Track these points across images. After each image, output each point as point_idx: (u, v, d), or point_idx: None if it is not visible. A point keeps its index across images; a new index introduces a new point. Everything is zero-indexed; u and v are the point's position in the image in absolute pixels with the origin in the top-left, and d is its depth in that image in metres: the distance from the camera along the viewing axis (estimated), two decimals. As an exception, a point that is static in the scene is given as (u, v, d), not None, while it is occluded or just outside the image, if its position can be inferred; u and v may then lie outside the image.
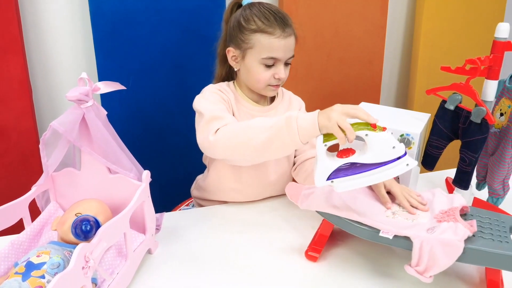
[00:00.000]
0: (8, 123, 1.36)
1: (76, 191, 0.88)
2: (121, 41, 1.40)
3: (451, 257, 0.72)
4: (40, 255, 0.70)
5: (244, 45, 0.98)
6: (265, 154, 0.84)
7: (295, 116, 0.79)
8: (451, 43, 1.85)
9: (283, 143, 0.80)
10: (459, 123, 1.03)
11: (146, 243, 0.87)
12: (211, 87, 1.05)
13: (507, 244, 0.74)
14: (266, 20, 0.96)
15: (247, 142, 0.83)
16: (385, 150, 0.74)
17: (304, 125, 0.77)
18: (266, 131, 0.81)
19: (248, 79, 1.02)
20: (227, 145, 0.86)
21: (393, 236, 0.76)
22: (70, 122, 0.78)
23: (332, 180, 0.77)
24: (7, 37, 1.30)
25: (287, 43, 0.97)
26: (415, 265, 0.74)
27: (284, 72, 0.99)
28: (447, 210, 0.82)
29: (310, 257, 0.88)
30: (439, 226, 0.77)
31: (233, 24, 1.00)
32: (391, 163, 0.74)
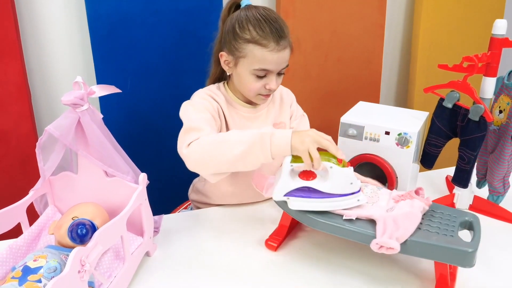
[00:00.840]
0: (7, 127, 1.37)
1: (74, 194, 0.88)
2: (119, 43, 1.40)
3: (412, 224, 0.77)
4: (36, 259, 0.70)
5: (237, 53, 0.96)
6: (237, 167, 0.86)
7: (270, 132, 0.82)
8: (450, 41, 1.85)
9: (256, 158, 0.83)
10: (457, 121, 1.02)
11: (144, 245, 0.87)
12: (200, 92, 1.04)
13: (451, 238, 0.75)
14: (261, 31, 0.93)
15: (220, 156, 0.85)
16: (343, 184, 0.81)
17: (278, 142, 0.81)
18: (240, 145, 0.83)
19: (239, 86, 1.02)
20: (198, 159, 0.87)
21: (355, 217, 0.80)
22: (65, 126, 0.78)
23: (288, 197, 0.83)
24: (5, 41, 1.30)
25: (280, 56, 0.95)
26: (380, 236, 0.76)
27: (275, 83, 0.98)
28: (403, 194, 0.85)
29: (269, 246, 0.92)
30: (397, 205, 0.82)
31: (228, 29, 0.98)
32: (345, 196, 0.81)
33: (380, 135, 1.01)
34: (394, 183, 1.02)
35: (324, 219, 0.81)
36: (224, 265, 0.88)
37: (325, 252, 0.91)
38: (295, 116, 1.12)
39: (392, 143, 1.00)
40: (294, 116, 1.12)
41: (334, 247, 0.93)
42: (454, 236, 0.76)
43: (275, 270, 0.87)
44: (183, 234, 0.98)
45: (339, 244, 0.93)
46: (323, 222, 0.81)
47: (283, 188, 0.83)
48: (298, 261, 0.89)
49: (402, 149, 0.99)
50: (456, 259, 0.74)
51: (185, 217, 1.07)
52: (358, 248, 0.90)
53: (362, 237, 0.78)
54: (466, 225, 0.82)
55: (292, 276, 0.85)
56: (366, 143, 1.03)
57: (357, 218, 0.81)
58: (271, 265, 0.88)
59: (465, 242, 0.74)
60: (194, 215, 1.09)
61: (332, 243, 0.94)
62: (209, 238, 0.97)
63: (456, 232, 0.77)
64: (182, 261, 0.89)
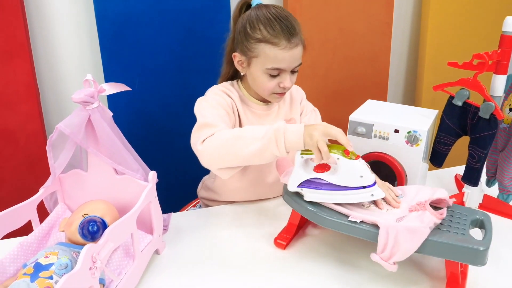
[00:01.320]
0: (16, 126, 1.38)
1: (84, 192, 0.89)
2: (127, 42, 1.41)
3: (414, 243, 0.74)
4: (48, 256, 0.70)
5: (249, 53, 0.96)
6: (252, 162, 0.87)
7: (283, 128, 0.83)
8: (458, 38, 1.83)
9: (271, 153, 0.84)
10: (467, 119, 1.01)
11: (154, 243, 0.87)
12: (214, 88, 1.05)
13: (462, 236, 0.75)
14: (272, 30, 0.93)
15: (235, 153, 0.85)
16: (351, 176, 0.81)
17: (291, 138, 0.82)
18: (255, 142, 0.84)
19: (253, 85, 1.02)
20: (214, 155, 0.88)
21: (360, 221, 0.79)
22: (76, 124, 0.78)
23: (302, 188, 0.85)
24: (14, 41, 1.31)
25: (292, 54, 0.94)
26: (380, 252, 0.76)
27: (289, 81, 0.98)
28: (423, 201, 0.83)
29: (278, 244, 0.92)
30: (409, 215, 0.80)
31: (239, 29, 0.98)
32: (356, 190, 0.81)
33: (389, 133, 1.00)
34: (403, 181, 1.01)
35: (331, 217, 0.81)
36: (233, 262, 0.88)
37: (334, 250, 0.91)
38: (306, 111, 1.13)
39: (402, 141, 0.99)
40: (305, 112, 1.13)
41: (342, 245, 0.92)
42: (466, 235, 0.76)
43: (284, 268, 0.87)
44: (192, 232, 0.98)
45: (348, 243, 0.93)
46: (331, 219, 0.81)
47: (296, 179, 0.84)
48: (307, 258, 0.89)
49: (411, 147, 0.99)
50: (468, 258, 0.73)
51: (193, 215, 1.07)
52: (367, 246, 0.89)
53: (368, 235, 0.78)
54: (477, 223, 0.82)
55: (301, 274, 0.85)
56: (375, 141, 1.02)
57: (362, 221, 0.80)
58: (280, 262, 0.88)
59: (477, 240, 0.74)
60: (202, 213, 1.09)
61: (341, 242, 0.93)
62: (218, 236, 0.97)
63: (467, 230, 0.77)
64: (191, 259, 0.89)
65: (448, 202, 0.84)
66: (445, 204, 0.84)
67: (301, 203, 0.85)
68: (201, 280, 0.83)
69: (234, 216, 1.06)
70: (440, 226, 0.78)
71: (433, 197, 0.83)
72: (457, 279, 0.78)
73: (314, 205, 0.84)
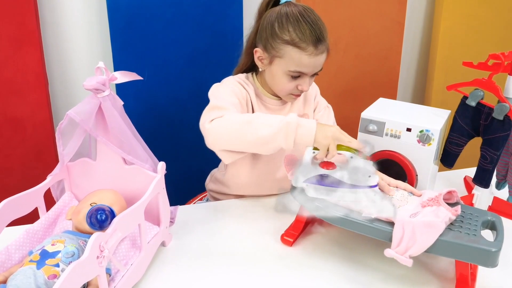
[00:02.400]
0: (24, 115, 1.37)
1: (91, 181, 0.88)
2: (138, 34, 1.40)
3: (430, 237, 0.73)
4: (54, 243, 0.69)
5: (273, 52, 0.95)
6: (256, 149, 0.88)
7: (296, 122, 0.83)
8: (470, 40, 1.82)
9: (277, 144, 0.84)
10: (480, 120, 1.00)
11: (160, 235, 0.86)
12: (231, 78, 1.04)
13: (474, 237, 0.74)
14: (301, 34, 0.91)
15: (242, 136, 0.85)
16: (361, 175, 0.82)
17: (302, 133, 0.82)
18: (265, 129, 0.84)
19: (271, 83, 1.01)
20: (219, 135, 0.88)
21: (375, 216, 0.79)
22: (86, 111, 0.77)
23: (307, 183, 0.84)
24: (25, 29, 1.30)
25: (317, 60, 0.94)
26: (395, 247, 0.75)
27: (308, 86, 0.98)
28: (433, 197, 0.83)
29: (285, 241, 0.91)
30: (422, 211, 0.79)
31: (266, 25, 0.95)
32: (362, 189, 0.82)
33: (401, 132, 0.99)
34: (414, 181, 1.00)
35: (342, 214, 0.80)
36: (239, 257, 0.87)
37: (341, 248, 0.90)
38: (319, 108, 1.12)
39: (414, 140, 0.98)
40: (318, 108, 1.12)
41: (350, 244, 0.91)
42: (477, 235, 0.75)
43: (290, 264, 0.86)
44: (198, 226, 0.98)
45: (355, 241, 0.92)
46: (342, 217, 0.80)
47: (303, 174, 0.84)
48: (313, 255, 0.88)
49: (423, 146, 0.97)
50: (479, 259, 0.72)
51: (200, 208, 1.07)
52: (374, 245, 0.89)
53: (380, 234, 0.77)
54: (488, 224, 0.81)
55: (308, 271, 0.84)
56: (387, 139, 1.01)
57: (376, 218, 0.79)
58: (286, 258, 0.87)
59: (489, 241, 0.73)
60: (209, 206, 1.08)
61: (348, 240, 0.92)
62: (225, 230, 0.96)
63: (479, 231, 0.76)
64: (197, 252, 0.88)
65: (458, 197, 0.83)
66: (455, 198, 0.83)
67: (311, 199, 0.84)
68: (207, 273, 0.83)
69: (241, 210, 1.05)
70: (451, 226, 0.77)
71: (444, 192, 0.83)
72: (467, 280, 0.77)
73: (323, 202, 0.83)
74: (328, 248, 0.90)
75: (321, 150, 0.82)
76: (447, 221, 0.76)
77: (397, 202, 0.84)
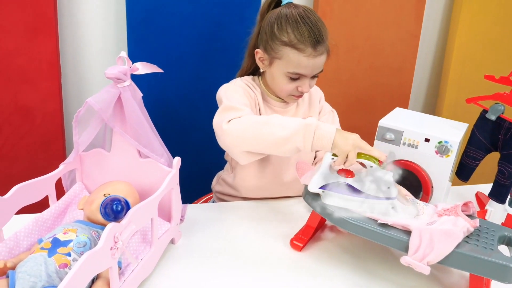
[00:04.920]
0: (34, 104, 1.36)
1: (104, 172, 0.86)
2: (154, 29, 1.39)
3: (448, 245, 0.71)
4: (66, 232, 0.67)
5: (272, 53, 0.95)
6: (274, 150, 0.86)
7: (315, 125, 0.82)
8: (484, 56, 1.81)
9: (295, 146, 0.83)
10: (499, 135, 0.99)
11: (171, 232, 0.85)
12: (239, 80, 1.04)
13: (491, 251, 0.72)
14: (299, 35, 0.91)
15: (260, 137, 0.85)
16: (380, 186, 0.79)
17: (321, 136, 0.81)
18: (283, 130, 0.83)
19: (272, 84, 1.01)
20: (238, 135, 0.86)
21: (391, 223, 0.77)
22: (106, 100, 0.76)
23: (323, 190, 0.82)
24: (42, 17, 1.30)
25: (316, 62, 0.93)
26: (412, 254, 0.73)
27: (308, 87, 0.97)
28: (449, 207, 0.81)
29: (294, 246, 0.89)
30: (439, 219, 0.77)
31: (266, 27, 0.96)
32: (380, 200, 0.80)
33: (419, 142, 0.98)
34: (429, 193, 0.98)
35: (357, 221, 0.78)
36: (247, 260, 0.85)
37: (351, 256, 0.88)
38: (324, 112, 1.12)
39: (432, 151, 0.97)
40: (323, 112, 1.12)
41: (360, 252, 0.89)
42: (494, 250, 0.73)
43: (299, 269, 0.84)
44: (207, 225, 0.96)
45: (366, 249, 0.90)
46: (356, 224, 0.78)
47: (320, 180, 0.82)
48: (321, 262, 0.86)
49: (441, 158, 0.96)
50: (496, 274, 0.70)
51: (209, 208, 1.05)
52: (385, 254, 0.87)
53: (395, 243, 0.75)
54: (504, 240, 0.79)
55: (316, 277, 0.82)
56: (404, 149, 1.00)
57: (392, 225, 0.77)
58: (295, 264, 0.85)
59: (506, 256, 0.71)
60: (218, 207, 1.07)
61: (359, 248, 0.90)
62: (234, 231, 0.94)
63: (495, 246, 0.74)
64: (206, 252, 0.87)
65: (474, 208, 0.82)
66: (471, 210, 0.82)
67: (324, 205, 0.83)
68: (215, 274, 0.80)
69: (250, 212, 1.03)
70: (467, 239, 0.75)
71: (461, 203, 0.81)
72: None
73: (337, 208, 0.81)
74: (338, 255, 0.88)
75: (340, 156, 0.80)
76: (465, 232, 0.75)
77: (413, 211, 0.83)
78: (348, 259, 0.87)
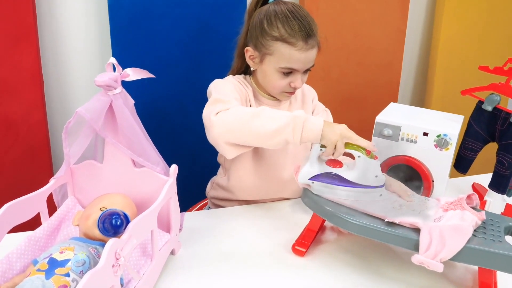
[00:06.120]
0: (18, 115, 1.31)
1: (97, 185, 0.82)
2: (140, 34, 1.35)
3: (460, 240, 0.71)
4: (63, 251, 0.64)
5: (263, 50, 0.94)
6: (263, 143, 0.85)
7: (304, 117, 0.81)
8: (470, 48, 1.83)
9: (284, 138, 0.82)
10: (496, 125, 0.98)
11: (171, 243, 0.81)
12: (231, 77, 1.03)
13: (500, 243, 0.72)
14: (290, 29, 0.90)
15: (248, 129, 0.84)
16: (368, 175, 0.80)
17: (310, 128, 0.81)
18: (273, 123, 0.82)
19: (263, 82, 1.00)
20: (227, 127, 0.85)
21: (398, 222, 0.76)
22: (96, 109, 0.72)
23: (313, 181, 0.83)
24: (21, 25, 1.25)
25: (308, 56, 0.93)
26: (424, 252, 0.71)
27: (300, 82, 0.96)
28: (453, 201, 0.81)
29: (296, 251, 0.87)
30: (445, 215, 0.77)
31: (256, 24, 0.95)
32: (368, 188, 0.81)
33: (417, 136, 0.96)
34: (430, 187, 0.97)
35: (362, 222, 0.76)
36: (250, 266, 0.83)
37: (355, 256, 0.86)
38: (317, 111, 1.11)
39: (431, 144, 0.96)
40: (316, 111, 1.11)
41: (364, 253, 0.88)
42: (503, 242, 0.72)
43: (303, 273, 0.82)
44: (205, 233, 0.93)
45: (370, 250, 0.88)
46: (362, 225, 0.76)
47: (309, 171, 0.83)
48: (326, 265, 0.84)
49: (440, 151, 0.95)
50: (508, 266, 0.69)
51: (206, 215, 1.02)
52: (388, 252, 0.86)
53: (404, 242, 0.73)
54: (510, 230, 0.79)
55: (321, 280, 0.80)
56: (402, 144, 0.98)
57: (400, 224, 0.76)
58: (298, 267, 0.83)
59: None
60: (216, 213, 1.04)
61: (361, 248, 0.89)
62: (233, 239, 0.92)
63: (503, 238, 0.74)
64: (206, 262, 0.84)
65: (477, 200, 0.82)
66: (474, 202, 0.81)
67: (326, 207, 0.80)
68: (219, 283, 0.78)
69: (247, 217, 1.01)
70: (474, 232, 0.74)
71: (465, 195, 0.81)
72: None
73: (340, 209, 0.79)
74: (342, 258, 0.86)
75: (329, 147, 0.80)
76: (474, 225, 0.74)
77: (417, 207, 0.81)
78: (353, 260, 0.85)
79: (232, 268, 0.82)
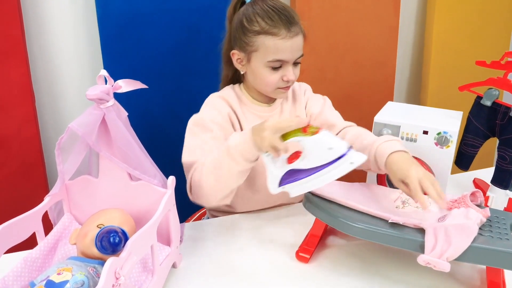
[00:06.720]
0: (9, 131, 1.28)
1: (93, 201, 0.80)
2: (130, 43, 1.33)
3: (466, 238, 0.69)
4: (60, 272, 0.62)
5: (248, 48, 0.92)
6: (235, 182, 0.85)
7: (233, 144, 0.80)
8: (463, 43, 1.82)
9: (236, 170, 0.82)
10: (496, 120, 0.97)
11: (172, 256, 0.79)
12: (211, 97, 1.01)
13: (507, 241, 0.70)
14: (270, 20, 0.89)
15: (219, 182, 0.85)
16: (320, 152, 0.73)
17: (243, 148, 0.79)
18: (219, 169, 0.83)
19: (256, 83, 0.97)
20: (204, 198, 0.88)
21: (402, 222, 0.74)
22: (89, 123, 0.71)
23: (283, 186, 0.78)
24: (9, 40, 1.22)
25: (294, 44, 0.91)
26: (429, 252, 0.70)
27: (293, 74, 0.93)
28: (457, 198, 0.79)
29: (300, 258, 0.85)
30: (450, 213, 0.75)
31: (236, 25, 0.94)
32: (334, 164, 0.72)
33: (417, 135, 0.95)
34: (432, 185, 0.96)
35: (366, 225, 0.75)
36: (254, 276, 0.81)
37: (359, 260, 0.85)
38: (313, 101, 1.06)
39: (431, 143, 0.94)
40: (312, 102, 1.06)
41: (369, 256, 0.86)
42: (510, 239, 0.71)
43: (308, 281, 0.80)
44: (207, 243, 0.91)
45: (374, 253, 0.86)
46: (366, 229, 0.75)
47: (273, 180, 0.78)
48: (331, 271, 0.82)
49: (441, 149, 0.94)
50: None
51: (207, 225, 1.00)
52: (394, 254, 0.84)
53: (409, 244, 0.72)
54: None
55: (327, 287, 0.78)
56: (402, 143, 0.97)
57: (404, 225, 0.74)
58: (303, 275, 0.81)
59: None
60: (216, 222, 1.02)
61: (365, 251, 0.87)
62: (235, 247, 0.90)
63: (510, 235, 0.72)
64: (210, 272, 0.82)
65: (482, 197, 0.80)
66: (478, 199, 0.80)
67: (329, 212, 0.78)
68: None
69: (248, 226, 0.98)
70: (480, 231, 0.73)
71: (469, 193, 0.79)
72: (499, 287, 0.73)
73: (342, 213, 0.78)
74: (347, 262, 0.85)
75: (269, 151, 0.76)
76: (478, 223, 0.73)
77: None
78: (358, 264, 0.84)
79: (235, 279, 0.80)
